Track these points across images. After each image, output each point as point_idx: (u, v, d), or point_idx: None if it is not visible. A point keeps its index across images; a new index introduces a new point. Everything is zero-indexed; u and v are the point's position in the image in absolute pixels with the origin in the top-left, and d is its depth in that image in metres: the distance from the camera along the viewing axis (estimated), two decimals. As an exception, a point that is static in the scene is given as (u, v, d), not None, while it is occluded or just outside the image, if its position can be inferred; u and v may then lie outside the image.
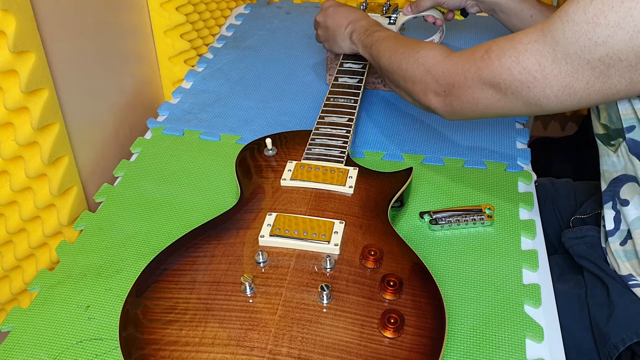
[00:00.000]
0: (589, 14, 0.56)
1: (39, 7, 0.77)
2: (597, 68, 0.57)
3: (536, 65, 0.62)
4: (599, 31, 0.56)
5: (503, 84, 0.65)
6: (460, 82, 0.70)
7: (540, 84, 0.62)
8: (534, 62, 0.62)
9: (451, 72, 0.72)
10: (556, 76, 0.60)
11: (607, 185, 0.74)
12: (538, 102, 0.64)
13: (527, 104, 0.65)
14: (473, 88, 0.69)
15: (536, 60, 0.61)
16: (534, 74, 0.62)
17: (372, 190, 0.77)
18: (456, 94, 0.72)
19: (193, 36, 1.22)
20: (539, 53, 0.61)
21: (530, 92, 0.63)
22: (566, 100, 0.62)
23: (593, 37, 0.56)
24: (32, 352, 0.65)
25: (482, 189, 0.86)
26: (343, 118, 0.88)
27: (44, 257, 0.85)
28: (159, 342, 0.59)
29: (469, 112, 0.72)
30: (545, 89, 0.62)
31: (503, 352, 0.64)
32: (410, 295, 0.63)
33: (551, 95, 0.62)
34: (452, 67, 0.72)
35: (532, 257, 0.76)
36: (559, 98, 0.62)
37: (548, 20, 0.61)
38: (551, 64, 0.60)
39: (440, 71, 0.73)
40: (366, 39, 0.91)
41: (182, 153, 0.94)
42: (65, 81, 0.85)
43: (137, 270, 0.67)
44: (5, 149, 0.74)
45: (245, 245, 0.69)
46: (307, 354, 0.58)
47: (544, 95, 0.62)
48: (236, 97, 1.08)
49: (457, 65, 0.71)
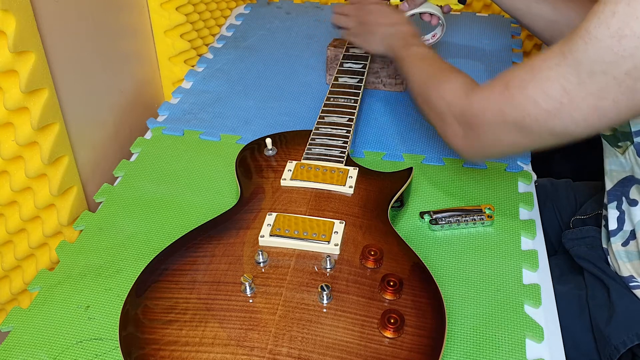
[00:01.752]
0: (612, 28, 0.54)
1: (39, 7, 0.77)
2: (624, 83, 0.55)
3: (561, 91, 0.59)
4: (625, 43, 0.54)
5: (529, 118, 0.62)
6: (480, 123, 0.67)
7: (567, 109, 0.59)
8: (559, 88, 0.59)
9: (470, 111, 0.69)
10: (583, 98, 0.58)
11: (613, 185, 0.73)
12: (566, 130, 0.61)
13: (555, 135, 0.62)
14: (495, 127, 0.66)
15: (560, 85, 0.59)
16: (560, 100, 0.59)
17: (372, 190, 0.77)
18: (476, 135, 0.69)
19: (193, 36, 1.22)
20: (563, 77, 0.59)
21: (557, 121, 0.61)
22: (595, 123, 0.59)
23: (619, 50, 0.54)
24: (32, 352, 0.65)
25: (482, 189, 0.86)
26: (343, 118, 0.88)
27: (44, 257, 0.85)
28: (158, 342, 0.59)
29: (491, 152, 0.70)
30: (573, 113, 0.59)
31: (503, 352, 0.64)
32: (410, 295, 0.63)
33: (580, 120, 0.59)
34: (470, 105, 0.69)
35: (532, 257, 0.76)
36: (588, 121, 0.59)
37: (567, 42, 0.59)
38: (576, 86, 0.58)
39: (459, 109, 0.70)
40: (401, 50, 0.87)
41: (182, 153, 0.94)
42: (65, 81, 0.85)
43: (137, 270, 0.67)
44: (5, 149, 0.74)
45: (245, 245, 0.69)
46: (307, 354, 0.58)
47: (573, 121, 0.60)
48: (236, 97, 1.08)
49: (475, 104, 0.68)
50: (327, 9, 1.42)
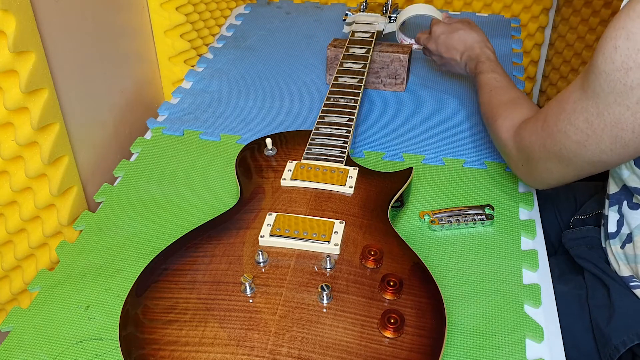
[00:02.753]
0: (617, 62, 0.57)
1: (39, 7, 0.77)
2: (638, 113, 0.58)
3: (585, 123, 0.62)
4: (632, 75, 0.56)
5: (564, 150, 0.66)
6: (532, 156, 0.72)
7: (593, 140, 0.62)
8: (583, 120, 0.62)
9: (521, 146, 0.74)
10: (604, 129, 0.61)
11: (617, 190, 0.74)
12: (600, 159, 0.64)
13: (592, 164, 0.65)
14: (543, 159, 0.70)
15: (584, 117, 0.62)
16: (586, 132, 0.63)
17: (372, 190, 0.77)
18: (533, 166, 0.73)
19: (193, 36, 1.22)
20: (585, 110, 0.62)
21: (588, 151, 0.64)
22: (623, 152, 0.62)
23: (627, 82, 0.57)
24: (32, 352, 0.65)
25: (482, 189, 0.86)
26: (343, 118, 0.88)
27: (44, 257, 0.84)
28: (158, 342, 0.59)
29: (550, 181, 0.73)
30: (599, 144, 0.62)
31: (503, 352, 0.64)
32: (410, 295, 0.63)
33: (607, 150, 0.62)
34: (520, 142, 0.74)
35: (532, 257, 0.76)
36: (614, 151, 0.62)
37: (584, 76, 0.62)
38: (597, 117, 0.61)
39: (514, 146, 0.76)
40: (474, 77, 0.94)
41: (182, 153, 0.94)
42: (65, 81, 0.85)
43: (137, 270, 0.67)
44: (5, 149, 0.74)
45: (245, 245, 0.69)
46: (307, 354, 0.58)
47: (602, 151, 0.63)
48: (236, 97, 1.08)
49: (524, 139, 0.73)
50: (327, 9, 1.42)
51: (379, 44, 1.08)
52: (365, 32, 1.07)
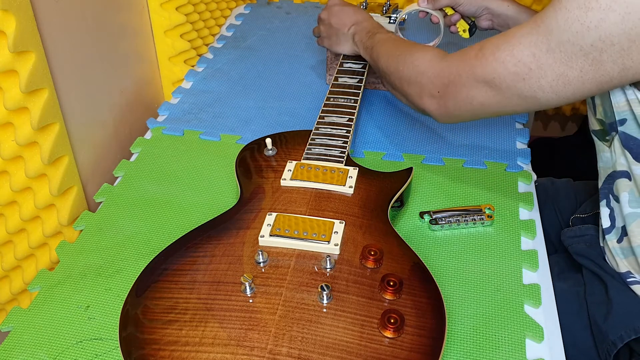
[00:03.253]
0: None
1: (39, 7, 0.77)
2: (590, 54, 0.58)
3: (530, 57, 0.62)
4: (591, 15, 0.56)
5: (498, 79, 0.66)
6: (455, 81, 0.71)
7: (535, 74, 0.62)
8: (528, 54, 0.62)
9: (445, 72, 0.72)
10: (550, 65, 0.61)
11: (602, 183, 0.74)
12: (534, 94, 0.64)
13: (523, 98, 0.65)
14: (467, 86, 0.69)
15: (530, 51, 0.62)
16: (528, 65, 0.62)
17: (372, 190, 0.77)
18: (451, 93, 0.72)
19: (193, 36, 1.22)
20: (533, 44, 0.62)
21: (525, 84, 0.64)
22: (561, 91, 0.62)
23: (585, 21, 0.57)
24: (32, 352, 0.65)
25: (482, 189, 0.86)
26: (343, 118, 0.88)
27: (44, 257, 0.85)
28: (159, 342, 0.59)
29: (464, 112, 0.73)
30: (540, 79, 0.62)
31: (503, 352, 0.64)
32: (410, 295, 0.63)
33: (546, 86, 0.62)
34: (446, 67, 0.72)
35: (532, 257, 0.76)
36: (554, 88, 0.62)
37: (541, 12, 0.62)
38: (545, 53, 0.61)
39: (435, 72, 0.74)
40: (367, 40, 0.91)
41: (182, 153, 0.94)
42: (65, 81, 0.85)
43: (137, 270, 0.67)
44: (5, 149, 0.74)
45: (245, 245, 0.69)
46: (307, 354, 0.58)
47: (539, 87, 0.63)
48: (236, 97, 1.08)
49: (451, 65, 0.72)
50: (327, 9, 1.42)
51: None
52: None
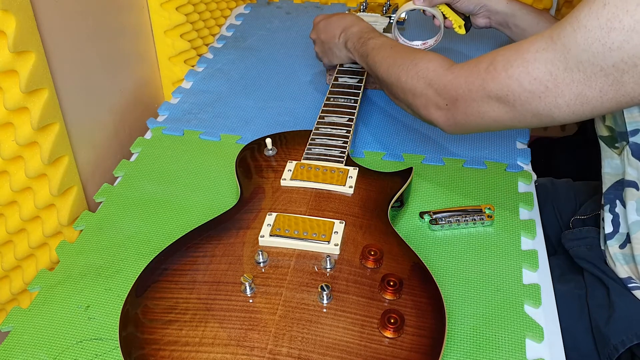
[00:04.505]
0: (602, 19, 0.55)
1: (39, 7, 0.77)
2: (611, 75, 0.56)
3: (547, 75, 0.60)
4: (614, 36, 0.54)
5: (511, 96, 0.63)
6: (465, 95, 0.68)
7: (552, 93, 0.60)
8: (545, 71, 0.60)
9: (454, 85, 0.70)
10: (568, 85, 0.59)
11: (607, 188, 0.74)
12: (549, 113, 0.62)
13: (537, 116, 0.63)
14: (478, 101, 0.67)
15: (547, 69, 0.60)
16: (545, 84, 0.60)
17: (372, 190, 0.77)
18: (460, 107, 0.70)
19: (193, 36, 1.22)
20: (550, 61, 0.59)
21: (541, 103, 0.62)
22: (579, 110, 0.60)
23: (607, 42, 0.55)
24: (32, 352, 0.65)
25: (482, 189, 0.86)
26: (343, 118, 0.88)
27: (44, 257, 0.84)
28: (158, 342, 0.59)
29: (473, 126, 0.71)
30: (557, 98, 0.60)
31: (503, 352, 0.64)
32: (410, 295, 0.63)
33: (563, 105, 0.60)
34: (454, 79, 0.70)
35: (532, 257, 0.76)
36: (571, 107, 0.60)
37: (557, 27, 0.59)
38: (563, 72, 0.59)
39: (442, 84, 0.71)
40: (361, 47, 0.89)
41: (182, 153, 0.94)
42: (65, 81, 0.85)
43: (137, 270, 0.67)
44: (5, 149, 0.74)
45: (245, 245, 0.69)
46: (307, 354, 0.58)
47: (556, 105, 0.61)
48: (236, 97, 1.08)
49: (460, 77, 0.69)
50: (327, 9, 1.42)
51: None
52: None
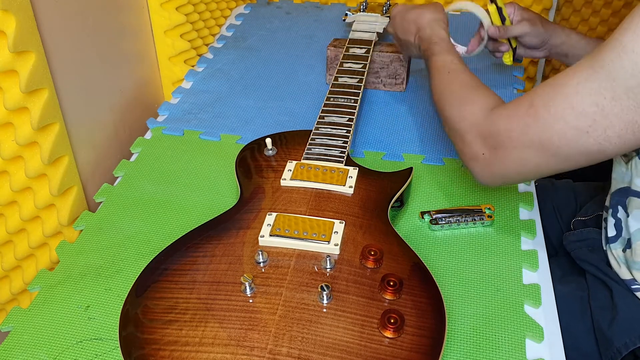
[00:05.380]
0: None
1: (39, 7, 0.77)
2: None
3: (593, 107, 0.56)
4: None
5: (556, 137, 0.59)
6: (505, 144, 0.64)
7: (601, 126, 0.56)
8: (590, 103, 0.56)
9: (493, 132, 0.65)
10: (617, 114, 0.55)
11: (612, 192, 0.73)
12: (600, 148, 0.58)
13: (587, 154, 0.59)
14: (519, 148, 0.62)
15: (592, 101, 0.56)
16: (592, 117, 0.56)
17: (372, 190, 0.77)
18: (499, 157, 0.65)
19: (193, 36, 1.22)
20: (595, 92, 0.56)
21: (589, 139, 0.57)
22: (631, 140, 0.56)
23: None
24: (32, 352, 0.65)
25: (482, 189, 0.86)
26: (343, 118, 0.88)
27: (44, 257, 0.84)
28: (158, 342, 0.59)
29: (513, 175, 0.66)
30: (607, 130, 0.56)
31: (503, 352, 0.64)
32: (410, 295, 0.63)
33: (614, 137, 0.57)
34: (493, 126, 0.65)
35: (532, 257, 0.76)
36: (622, 138, 0.56)
37: (596, 56, 0.56)
38: (610, 101, 0.55)
39: (482, 131, 0.67)
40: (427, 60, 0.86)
41: (182, 153, 0.94)
42: (65, 81, 0.85)
43: (137, 270, 0.67)
44: (5, 149, 0.74)
45: (245, 245, 0.69)
46: (307, 354, 0.58)
47: (606, 139, 0.57)
48: (236, 97, 1.08)
49: (498, 123, 0.65)
50: (327, 9, 1.42)
51: (379, 44, 1.08)
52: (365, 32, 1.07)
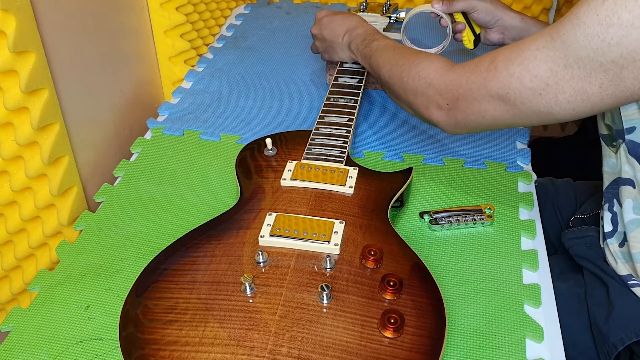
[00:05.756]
0: (601, 15, 0.55)
1: (39, 7, 0.77)
2: (611, 70, 0.57)
3: (548, 72, 0.60)
4: (612, 32, 0.55)
5: (512, 94, 0.64)
6: (466, 94, 0.69)
7: (553, 90, 0.61)
8: (545, 69, 0.60)
9: (454, 84, 0.70)
10: (569, 81, 0.59)
11: (606, 187, 0.74)
12: (550, 110, 0.62)
13: (539, 113, 0.64)
14: (479, 100, 0.67)
15: (547, 66, 0.60)
16: (546, 81, 0.61)
17: (372, 190, 0.77)
18: (461, 107, 0.70)
19: (193, 36, 1.22)
20: (550, 59, 0.60)
21: (542, 100, 0.62)
22: (579, 106, 0.60)
23: (606, 38, 0.55)
24: (32, 352, 0.65)
25: (482, 189, 0.86)
26: (343, 118, 0.88)
27: (44, 257, 0.85)
28: (159, 342, 0.59)
29: (474, 125, 0.71)
30: (558, 95, 0.61)
31: (503, 352, 0.64)
32: (410, 295, 0.63)
33: (564, 102, 0.61)
34: (455, 79, 0.70)
35: (532, 257, 0.76)
36: (571, 104, 0.61)
37: (556, 25, 0.60)
38: (563, 69, 0.59)
39: (443, 84, 0.72)
40: (364, 48, 0.90)
41: (182, 153, 0.94)
42: (65, 81, 0.85)
43: (137, 270, 0.67)
44: (5, 149, 0.74)
45: (245, 245, 0.69)
46: (307, 354, 0.58)
47: (557, 102, 0.61)
48: (236, 97, 1.08)
49: (461, 77, 0.70)
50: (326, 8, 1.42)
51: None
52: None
